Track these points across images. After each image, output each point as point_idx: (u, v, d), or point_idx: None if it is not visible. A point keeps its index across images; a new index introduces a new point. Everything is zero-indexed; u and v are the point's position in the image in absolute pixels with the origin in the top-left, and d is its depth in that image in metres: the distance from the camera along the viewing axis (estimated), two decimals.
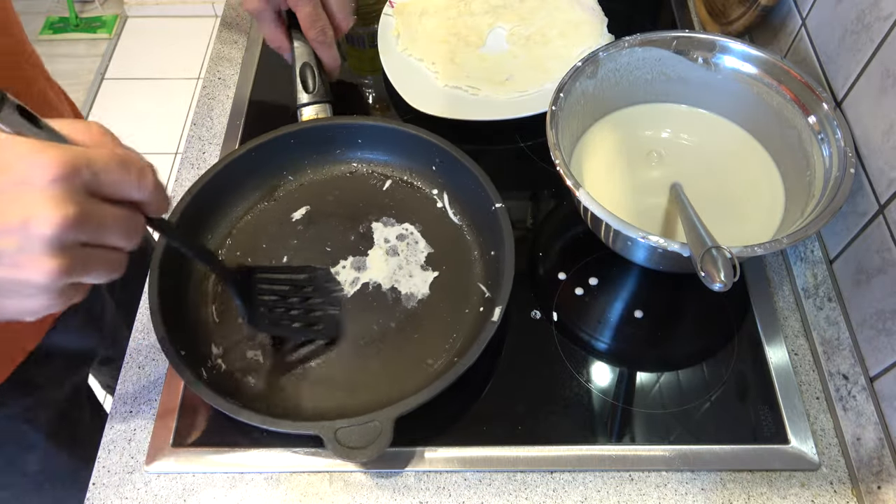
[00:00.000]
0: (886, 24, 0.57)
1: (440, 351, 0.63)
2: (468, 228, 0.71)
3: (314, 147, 0.74)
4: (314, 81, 0.75)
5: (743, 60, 0.70)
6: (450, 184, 0.73)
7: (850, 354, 0.61)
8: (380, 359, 0.63)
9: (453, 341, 0.64)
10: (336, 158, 0.75)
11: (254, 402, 0.60)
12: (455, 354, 0.62)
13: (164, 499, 0.58)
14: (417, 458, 0.59)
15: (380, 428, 0.54)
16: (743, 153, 0.72)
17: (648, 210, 0.69)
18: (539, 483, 0.59)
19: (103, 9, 2.47)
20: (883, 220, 0.57)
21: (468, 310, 0.66)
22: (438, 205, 0.73)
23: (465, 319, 0.65)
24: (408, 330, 0.65)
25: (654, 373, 0.64)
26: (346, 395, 0.61)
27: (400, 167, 0.75)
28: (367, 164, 0.75)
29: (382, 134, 0.74)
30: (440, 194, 0.73)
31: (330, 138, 0.74)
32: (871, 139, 0.59)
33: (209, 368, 0.61)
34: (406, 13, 0.89)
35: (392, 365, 0.63)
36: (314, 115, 0.75)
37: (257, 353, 0.63)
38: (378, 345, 0.64)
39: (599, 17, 0.88)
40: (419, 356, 0.63)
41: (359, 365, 0.63)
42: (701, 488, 0.58)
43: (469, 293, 0.67)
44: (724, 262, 0.52)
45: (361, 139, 0.74)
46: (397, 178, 0.75)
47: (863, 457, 0.58)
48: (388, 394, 0.60)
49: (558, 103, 0.66)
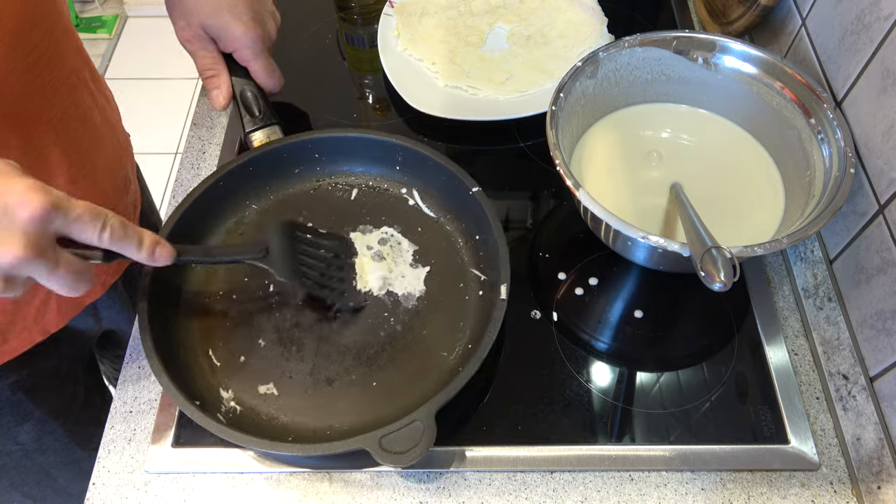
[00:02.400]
0: (886, 24, 0.57)
1: (452, 341, 0.64)
2: (446, 219, 0.71)
3: (272, 171, 0.72)
4: (258, 105, 0.74)
5: (743, 60, 0.70)
6: (418, 179, 0.73)
7: (850, 354, 0.61)
8: (395, 362, 0.63)
9: (462, 329, 0.64)
10: (297, 178, 0.74)
11: (284, 434, 0.58)
12: (468, 341, 0.63)
13: (164, 499, 0.58)
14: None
15: (422, 427, 0.54)
16: (743, 153, 0.72)
17: (648, 210, 0.69)
18: (539, 483, 0.59)
19: (103, 9, 2.47)
20: (883, 220, 0.57)
21: (468, 296, 0.66)
22: (410, 202, 0.73)
23: (468, 306, 0.65)
24: (415, 328, 0.65)
25: (654, 373, 0.64)
26: (373, 405, 0.60)
27: (363, 174, 0.74)
28: (330, 178, 0.74)
29: (338, 144, 0.73)
30: (409, 192, 0.73)
31: (286, 159, 0.72)
32: (871, 139, 0.59)
33: (225, 413, 0.59)
34: (406, 13, 0.89)
35: (409, 365, 0.62)
36: (266, 139, 0.72)
37: (269, 386, 0.61)
38: (389, 349, 0.63)
39: (599, 18, 0.88)
40: (433, 351, 0.63)
41: (376, 373, 0.62)
42: (701, 488, 0.58)
43: (465, 280, 0.67)
44: (724, 262, 0.52)
45: (318, 153, 0.73)
46: (363, 185, 0.74)
47: (863, 457, 0.58)
48: (414, 394, 0.60)
49: (558, 103, 0.66)
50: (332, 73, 0.89)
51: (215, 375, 0.62)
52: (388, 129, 0.82)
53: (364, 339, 0.64)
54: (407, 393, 0.61)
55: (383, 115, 0.84)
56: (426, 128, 0.81)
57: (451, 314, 0.65)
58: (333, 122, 0.82)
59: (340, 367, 0.63)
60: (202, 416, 0.55)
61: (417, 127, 0.82)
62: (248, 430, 0.56)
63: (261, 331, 0.64)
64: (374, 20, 0.89)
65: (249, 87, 0.74)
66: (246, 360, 0.63)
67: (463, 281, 0.67)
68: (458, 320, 0.65)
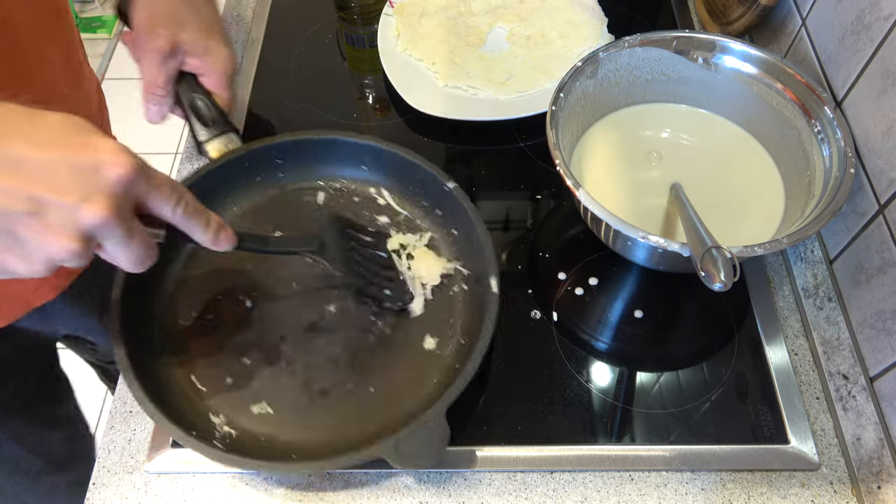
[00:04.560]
0: (886, 24, 0.57)
1: (444, 338, 0.63)
2: (420, 214, 0.70)
3: (234, 182, 0.69)
4: (210, 113, 0.69)
5: (743, 60, 0.70)
6: (387, 178, 0.71)
7: (850, 354, 0.61)
8: (389, 366, 0.62)
9: (452, 325, 0.64)
10: (259, 186, 0.71)
11: (287, 452, 0.57)
12: (461, 336, 0.63)
13: (164, 499, 0.58)
14: None
15: (435, 428, 0.53)
16: (743, 153, 0.72)
17: (648, 210, 0.69)
18: (539, 483, 0.59)
19: (103, 9, 2.47)
20: (883, 220, 0.57)
21: (452, 292, 0.66)
22: (381, 202, 0.71)
23: (455, 300, 0.65)
24: (404, 328, 0.64)
25: (654, 373, 0.64)
26: (374, 412, 0.59)
27: (328, 177, 0.72)
28: (294, 183, 0.72)
29: (299, 148, 0.70)
30: (379, 192, 0.71)
31: (247, 168, 0.69)
32: (871, 139, 0.59)
33: (221, 439, 0.57)
34: (406, 13, 0.89)
35: (403, 367, 0.62)
36: (224, 148, 0.69)
37: (262, 405, 0.59)
38: (381, 353, 0.63)
39: (599, 18, 0.88)
40: (425, 350, 0.63)
41: (371, 379, 0.61)
42: (701, 488, 0.58)
43: (447, 276, 0.67)
44: (724, 262, 0.52)
45: (280, 158, 0.70)
46: (329, 187, 0.72)
47: (863, 457, 0.58)
48: (414, 396, 0.60)
49: (558, 103, 0.66)
50: (332, 73, 0.89)
51: (203, 401, 0.59)
52: (388, 129, 0.83)
53: (354, 345, 0.63)
54: (407, 395, 0.60)
55: (383, 115, 0.84)
56: (426, 128, 0.81)
57: (437, 310, 0.65)
58: (333, 123, 0.82)
59: (334, 377, 0.61)
60: (201, 446, 0.53)
61: (417, 127, 0.82)
62: (249, 454, 0.54)
63: (245, 349, 0.62)
64: (374, 20, 0.89)
65: (198, 94, 0.69)
66: (234, 382, 0.60)
67: (446, 277, 0.67)
68: (447, 316, 0.64)
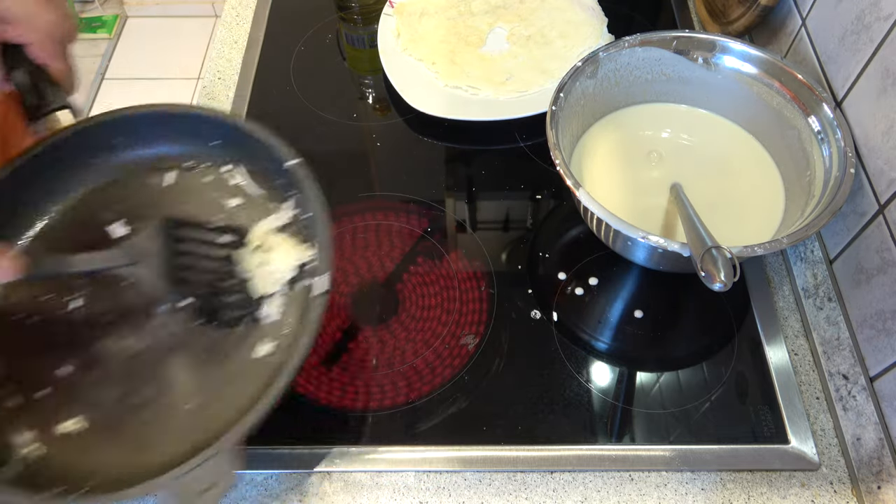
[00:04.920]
0: (886, 24, 0.57)
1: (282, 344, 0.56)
2: (277, 196, 0.62)
3: (61, 168, 0.61)
4: (39, 88, 0.58)
5: (743, 60, 0.70)
6: (238, 155, 0.63)
7: (850, 354, 0.61)
8: (217, 370, 0.56)
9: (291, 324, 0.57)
10: (95, 169, 0.63)
11: (83, 481, 0.49)
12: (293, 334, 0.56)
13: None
14: (417, 458, 0.59)
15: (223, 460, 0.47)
16: (743, 153, 0.72)
17: (648, 210, 0.69)
18: (539, 483, 0.59)
19: (103, 9, 2.47)
20: (883, 220, 0.57)
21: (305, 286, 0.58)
22: (232, 182, 0.64)
23: (290, 296, 0.58)
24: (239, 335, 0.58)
25: (654, 373, 0.64)
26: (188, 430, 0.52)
27: (175, 156, 0.64)
28: (135, 164, 0.63)
29: (139, 123, 0.62)
30: (231, 172, 0.64)
31: (79, 149, 0.61)
32: (871, 139, 0.59)
33: (22, 460, 0.50)
34: (406, 13, 0.89)
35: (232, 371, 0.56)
36: (53, 128, 0.59)
37: (77, 419, 0.53)
38: (206, 357, 0.57)
39: (599, 18, 0.88)
40: (253, 349, 0.57)
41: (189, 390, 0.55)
42: (701, 488, 0.58)
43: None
44: (724, 262, 0.52)
45: (118, 136, 0.63)
46: (176, 167, 0.64)
47: (863, 457, 0.58)
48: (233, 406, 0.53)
49: (558, 103, 0.66)
50: (332, 73, 0.89)
51: (9, 415, 0.53)
52: (388, 129, 0.83)
53: (189, 346, 0.56)
54: (227, 405, 0.53)
55: (383, 115, 0.84)
56: (426, 128, 0.81)
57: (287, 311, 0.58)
58: (333, 123, 0.82)
59: (154, 389, 0.54)
60: None
61: (417, 127, 0.82)
62: (42, 483, 0.48)
63: (60, 357, 0.55)
64: (374, 20, 0.89)
65: (25, 67, 0.57)
66: (47, 393, 0.54)
67: (305, 266, 0.59)
68: (286, 317, 0.57)
